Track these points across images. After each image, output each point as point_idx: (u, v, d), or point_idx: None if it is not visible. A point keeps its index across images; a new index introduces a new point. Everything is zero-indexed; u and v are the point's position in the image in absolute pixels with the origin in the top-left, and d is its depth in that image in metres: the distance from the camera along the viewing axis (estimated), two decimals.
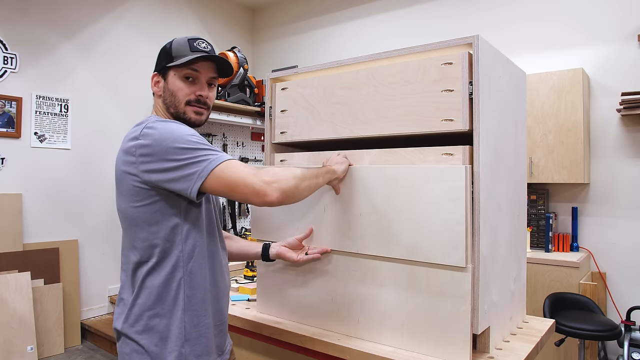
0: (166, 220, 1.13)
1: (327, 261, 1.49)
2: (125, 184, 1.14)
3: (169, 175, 1.08)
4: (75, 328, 3.87)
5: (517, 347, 1.38)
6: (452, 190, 1.21)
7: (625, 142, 3.26)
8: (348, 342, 1.37)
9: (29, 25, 3.76)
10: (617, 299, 3.24)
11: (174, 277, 1.14)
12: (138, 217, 1.14)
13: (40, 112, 3.81)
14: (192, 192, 1.08)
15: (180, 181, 1.08)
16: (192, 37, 1.27)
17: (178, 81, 1.23)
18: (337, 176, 1.37)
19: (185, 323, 1.15)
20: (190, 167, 1.07)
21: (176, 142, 1.09)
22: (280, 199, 1.09)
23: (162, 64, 1.25)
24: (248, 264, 2.27)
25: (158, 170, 1.09)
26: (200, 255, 1.18)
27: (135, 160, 1.11)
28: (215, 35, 5.26)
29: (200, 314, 1.17)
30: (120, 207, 1.19)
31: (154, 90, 1.27)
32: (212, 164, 1.07)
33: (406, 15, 4.37)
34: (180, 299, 1.14)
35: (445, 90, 1.30)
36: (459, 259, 1.20)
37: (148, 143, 1.10)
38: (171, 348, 1.13)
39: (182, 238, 1.15)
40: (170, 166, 1.08)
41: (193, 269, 1.16)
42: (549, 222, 3.29)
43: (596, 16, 3.35)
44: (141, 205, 1.13)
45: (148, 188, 1.12)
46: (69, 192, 3.99)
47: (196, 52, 1.23)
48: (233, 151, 4.30)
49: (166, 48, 1.26)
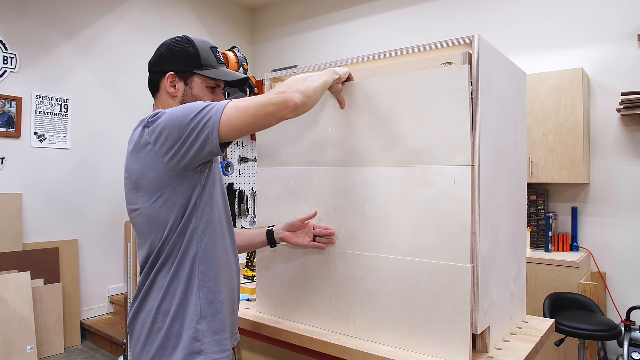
0: (184, 201, 1.14)
1: (328, 260, 1.49)
2: (146, 180, 1.13)
3: (188, 139, 1.07)
4: (75, 328, 3.87)
5: (517, 347, 1.38)
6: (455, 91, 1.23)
7: (625, 142, 3.26)
8: (348, 342, 1.37)
9: (29, 25, 3.77)
10: (617, 299, 3.24)
11: (188, 254, 1.15)
12: (162, 214, 1.14)
13: (40, 112, 3.81)
14: (213, 140, 1.07)
15: (200, 136, 1.07)
16: (211, 45, 1.29)
17: (205, 89, 1.26)
18: (339, 76, 1.36)
19: (200, 300, 1.16)
20: (204, 115, 1.07)
21: (183, 109, 1.10)
22: (302, 100, 1.11)
23: (185, 67, 1.24)
24: (248, 264, 2.27)
25: (177, 140, 1.08)
26: (212, 232, 1.19)
27: (151, 149, 1.11)
28: (215, 35, 5.26)
29: (215, 291, 1.18)
30: (142, 209, 1.16)
31: (170, 91, 1.24)
32: (221, 105, 1.09)
33: (406, 15, 4.37)
34: (195, 276, 1.16)
35: None
36: (465, 159, 1.22)
37: (158, 124, 1.11)
38: (188, 325, 1.14)
39: (198, 215, 1.16)
40: (186, 127, 1.07)
41: (207, 246, 1.18)
42: (549, 222, 3.29)
43: (596, 16, 3.35)
44: (163, 193, 1.13)
45: (171, 173, 1.11)
46: (69, 192, 3.99)
47: (221, 64, 1.29)
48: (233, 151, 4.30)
49: (189, 51, 1.24)
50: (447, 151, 1.26)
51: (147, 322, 1.17)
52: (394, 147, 1.35)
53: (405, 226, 1.32)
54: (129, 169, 1.18)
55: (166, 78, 1.24)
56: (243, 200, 4.21)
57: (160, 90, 1.27)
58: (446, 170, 1.25)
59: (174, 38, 1.29)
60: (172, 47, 1.26)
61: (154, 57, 1.29)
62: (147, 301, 1.18)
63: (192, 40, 1.26)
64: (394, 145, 1.35)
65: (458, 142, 1.24)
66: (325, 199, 1.50)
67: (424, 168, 1.29)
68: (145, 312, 1.18)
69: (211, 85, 1.27)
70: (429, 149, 1.29)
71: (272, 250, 1.62)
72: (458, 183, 1.23)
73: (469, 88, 1.22)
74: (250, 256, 2.28)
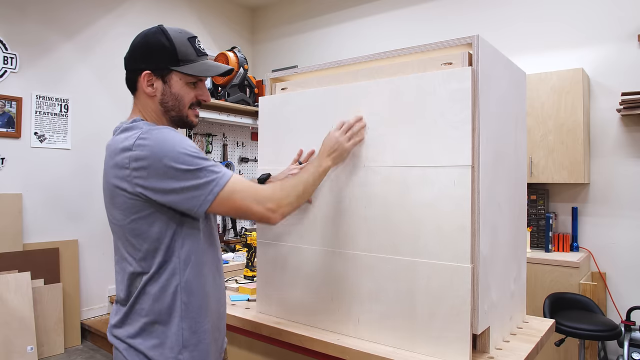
0: (163, 230, 1.10)
1: (328, 260, 1.49)
2: (119, 199, 1.10)
3: (171, 198, 1.06)
4: (75, 328, 3.87)
5: (517, 347, 1.38)
6: (457, 92, 1.24)
7: (625, 142, 3.26)
8: (348, 342, 1.37)
9: (28, 25, 3.76)
10: (617, 299, 3.24)
11: (170, 284, 1.11)
12: (135, 230, 1.10)
13: (40, 112, 3.81)
14: (197, 214, 1.09)
15: (184, 203, 1.07)
16: (189, 35, 1.18)
17: (184, 86, 1.18)
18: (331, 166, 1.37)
19: (183, 330, 1.13)
20: (195, 190, 1.06)
21: (175, 160, 1.04)
22: (281, 220, 1.19)
23: (161, 64, 1.14)
24: (248, 264, 2.27)
25: (157, 190, 1.05)
26: (196, 262, 1.15)
27: (129, 174, 1.06)
28: (215, 35, 5.26)
29: (198, 321, 1.15)
30: (115, 218, 1.14)
31: (148, 91, 1.16)
32: (217, 188, 1.07)
33: (406, 15, 4.37)
34: (178, 306, 1.12)
35: None
36: (465, 159, 1.22)
37: (144, 156, 1.05)
38: (168, 354, 1.11)
39: (179, 245, 1.12)
40: (173, 188, 1.05)
41: (190, 277, 1.14)
42: (549, 222, 3.29)
43: (596, 16, 3.35)
44: (137, 217, 1.09)
45: (143, 200, 1.08)
46: (69, 192, 3.99)
47: (201, 56, 1.19)
48: (233, 151, 4.30)
49: (163, 44, 1.13)
50: (447, 151, 1.26)
51: (124, 343, 1.14)
52: (394, 147, 1.36)
53: (405, 226, 1.32)
54: (106, 179, 1.13)
55: (142, 77, 1.15)
56: None
57: (138, 89, 1.19)
58: (446, 170, 1.25)
59: (148, 29, 1.18)
60: (145, 41, 1.15)
61: (128, 51, 1.19)
62: (125, 324, 1.15)
63: (167, 32, 1.15)
64: (394, 145, 1.36)
65: (458, 142, 1.24)
66: (325, 198, 1.50)
67: (424, 168, 1.29)
68: (123, 331, 1.15)
69: (191, 81, 1.18)
70: (429, 149, 1.29)
71: (272, 249, 1.62)
72: (458, 183, 1.23)
73: (470, 89, 1.22)
74: (250, 256, 2.28)
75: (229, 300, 1.84)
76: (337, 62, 1.56)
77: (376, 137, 1.39)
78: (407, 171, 1.32)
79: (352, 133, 1.39)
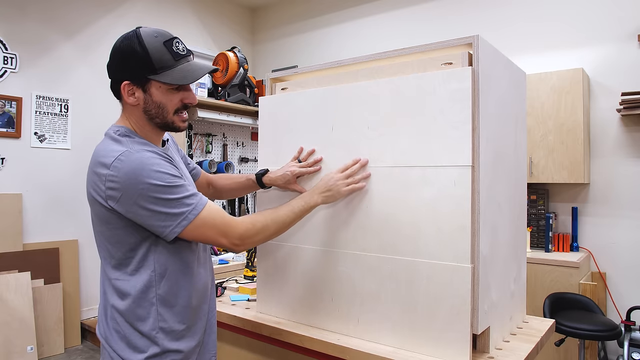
0: (139, 240, 1.12)
1: (328, 260, 1.49)
2: (96, 207, 1.11)
3: (141, 220, 1.07)
4: (75, 328, 3.87)
5: (517, 347, 1.38)
6: (457, 92, 1.24)
7: (625, 142, 3.26)
8: (348, 342, 1.37)
9: (28, 25, 3.77)
10: (617, 299, 3.24)
11: (146, 296, 1.12)
12: (112, 237, 1.12)
13: (40, 112, 3.81)
14: (166, 239, 1.10)
15: (153, 227, 1.08)
16: (166, 38, 1.13)
17: (166, 93, 1.15)
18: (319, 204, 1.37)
19: (159, 340, 1.13)
20: (165, 220, 1.07)
21: (149, 190, 1.04)
22: (248, 247, 1.23)
23: (139, 73, 1.11)
24: (248, 264, 2.26)
25: (129, 212, 1.07)
26: (173, 274, 1.15)
27: (103, 192, 1.07)
28: (215, 35, 5.27)
29: (178, 333, 1.16)
30: (94, 223, 1.16)
31: (130, 101, 1.14)
32: (185, 222, 1.08)
33: (406, 15, 4.37)
34: (153, 317, 1.12)
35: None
36: (465, 160, 1.22)
37: (118, 179, 1.05)
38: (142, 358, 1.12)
39: (154, 257, 1.13)
40: (142, 214, 1.06)
41: (165, 290, 1.14)
42: (549, 222, 3.29)
43: (596, 16, 3.35)
44: (114, 227, 1.11)
45: (117, 215, 1.09)
46: (69, 192, 3.99)
47: (180, 59, 1.14)
48: (233, 151, 4.30)
49: (138, 52, 1.10)
50: (447, 151, 1.26)
51: (103, 344, 1.16)
52: (395, 147, 1.36)
53: (405, 226, 1.32)
54: (87, 182, 1.13)
55: (123, 87, 1.14)
56: (243, 201, 4.21)
57: (122, 97, 1.17)
58: (446, 170, 1.25)
59: (125, 34, 1.14)
60: (121, 49, 1.13)
61: (109, 59, 1.17)
62: (101, 325, 1.17)
63: (141, 37, 1.10)
64: (395, 145, 1.36)
65: (458, 142, 1.24)
66: None
67: (424, 168, 1.29)
68: (101, 332, 1.18)
69: (173, 87, 1.15)
70: (429, 149, 1.29)
71: (272, 249, 1.61)
72: (458, 183, 1.23)
73: (470, 89, 1.22)
74: (250, 256, 2.28)
75: (228, 301, 1.84)
76: (337, 62, 1.56)
77: (376, 137, 1.39)
78: (407, 171, 1.32)
79: (353, 181, 1.39)
